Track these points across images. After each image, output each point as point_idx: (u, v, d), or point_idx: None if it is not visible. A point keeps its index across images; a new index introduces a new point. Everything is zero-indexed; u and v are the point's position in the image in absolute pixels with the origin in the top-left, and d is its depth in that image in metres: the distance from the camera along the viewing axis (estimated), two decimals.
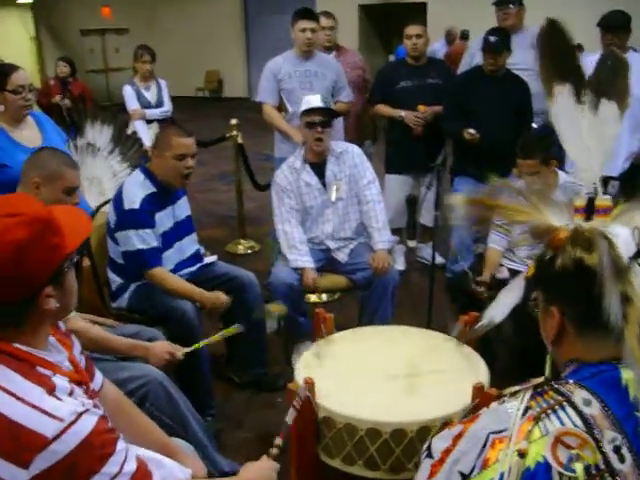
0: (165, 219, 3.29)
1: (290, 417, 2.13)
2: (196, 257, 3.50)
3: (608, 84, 1.45)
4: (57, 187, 2.67)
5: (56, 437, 1.33)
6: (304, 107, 3.70)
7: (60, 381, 1.46)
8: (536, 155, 3.33)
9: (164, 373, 2.61)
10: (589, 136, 1.38)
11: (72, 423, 1.35)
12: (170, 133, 3.25)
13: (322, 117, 3.65)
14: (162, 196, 3.27)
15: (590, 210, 1.29)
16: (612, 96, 1.43)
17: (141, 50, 6.16)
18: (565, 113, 1.41)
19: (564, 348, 1.29)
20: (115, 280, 3.30)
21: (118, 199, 3.20)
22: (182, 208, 3.44)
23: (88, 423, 1.38)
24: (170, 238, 3.33)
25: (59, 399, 1.40)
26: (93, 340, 2.52)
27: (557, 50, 1.44)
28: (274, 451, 1.91)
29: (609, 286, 1.13)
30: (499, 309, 1.69)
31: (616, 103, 1.43)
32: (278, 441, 1.95)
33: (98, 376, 1.87)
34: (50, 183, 2.66)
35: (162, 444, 1.93)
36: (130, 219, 3.15)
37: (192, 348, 2.81)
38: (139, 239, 3.14)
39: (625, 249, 1.17)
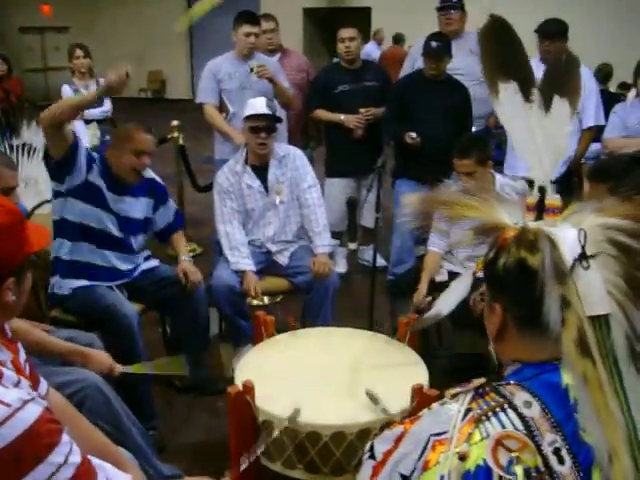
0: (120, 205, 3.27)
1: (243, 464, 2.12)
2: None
3: (561, 81, 1.43)
4: None
5: (3, 422, 1.33)
6: (249, 112, 3.66)
7: (7, 372, 1.48)
8: (472, 154, 3.37)
9: (101, 377, 2.56)
10: (540, 134, 1.37)
11: (18, 409, 1.36)
12: (133, 127, 3.24)
13: (267, 123, 3.63)
14: (108, 186, 3.22)
15: (540, 209, 1.28)
16: (564, 94, 1.41)
17: (73, 47, 6.04)
18: (512, 111, 1.39)
19: (506, 346, 1.29)
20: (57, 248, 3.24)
21: None
22: (129, 206, 3.34)
23: (34, 410, 1.39)
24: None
25: (5, 387, 1.42)
26: (34, 342, 2.46)
27: (501, 47, 1.41)
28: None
29: (549, 288, 1.12)
30: (447, 302, 1.70)
31: (568, 101, 1.41)
32: (228, 477, 1.95)
33: (43, 383, 1.88)
34: None
35: (106, 451, 1.92)
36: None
37: (131, 370, 2.75)
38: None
39: (571, 251, 1.15)
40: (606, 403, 1.09)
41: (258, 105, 3.66)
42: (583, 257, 1.14)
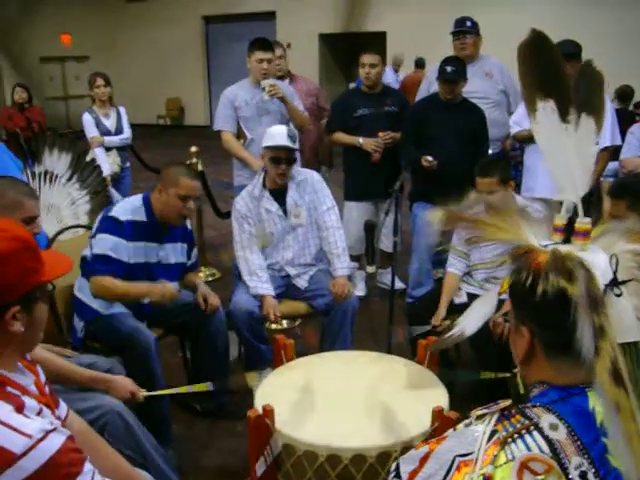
0: (140, 252, 3.24)
1: (260, 468, 2.12)
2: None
3: (586, 98, 1.39)
4: (16, 216, 2.63)
5: (24, 453, 1.34)
6: (269, 142, 3.68)
7: (29, 401, 1.48)
8: (494, 174, 3.39)
9: (122, 403, 2.58)
10: (573, 155, 1.34)
11: (40, 440, 1.36)
12: (179, 172, 3.25)
13: (287, 154, 3.66)
14: (149, 230, 3.24)
15: (569, 231, 1.26)
16: (590, 111, 1.37)
17: (93, 76, 6.15)
18: (548, 130, 1.36)
19: (532, 369, 1.27)
20: (78, 291, 3.23)
21: (107, 208, 3.21)
22: (170, 252, 3.37)
23: (56, 441, 1.39)
24: (138, 272, 3.24)
25: (27, 417, 1.42)
26: (56, 371, 2.47)
27: (541, 63, 1.36)
28: None
29: (584, 317, 1.11)
30: (470, 321, 1.67)
31: (593, 119, 1.37)
32: None
33: (62, 405, 1.88)
34: (9, 213, 2.62)
35: (126, 475, 1.93)
36: (109, 225, 3.15)
37: (155, 393, 2.77)
38: (110, 244, 3.11)
39: (602, 276, 1.14)
40: (638, 432, 1.07)
41: (279, 137, 3.65)
42: (615, 283, 1.14)
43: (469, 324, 1.76)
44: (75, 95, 18.24)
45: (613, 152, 4.56)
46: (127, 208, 3.21)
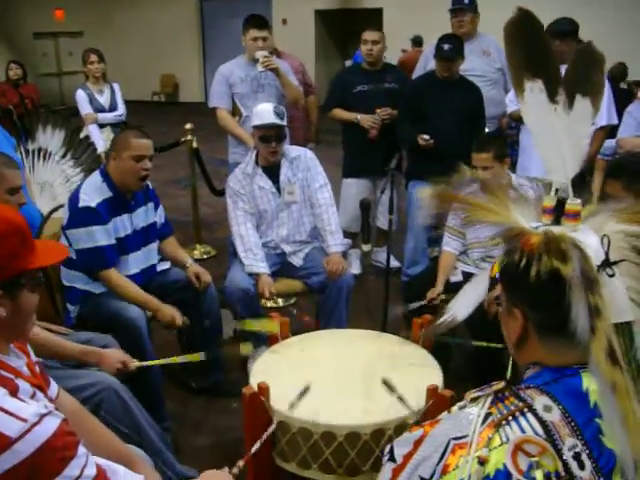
0: (120, 226, 3.25)
1: (256, 447, 2.13)
2: (152, 269, 3.46)
3: (584, 79, 1.36)
4: None
5: (20, 437, 1.34)
6: (257, 121, 3.67)
7: (22, 384, 1.49)
8: (490, 149, 3.39)
9: (118, 380, 2.58)
10: (563, 136, 1.32)
11: (35, 424, 1.37)
12: (128, 134, 3.25)
13: (276, 131, 3.64)
14: (118, 202, 3.23)
15: (559, 212, 1.25)
16: (587, 92, 1.35)
17: (87, 52, 6.11)
18: (536, 110, 1.34)
19: (526, 351, 1.27)
20: (68, 281, 3.24)
21: (74, 198, 3.16)
22: (141, 217, 3.38)
23: (51, 425, 1.40)
24: (126, 246, 3.28)
25: (22, 401, 1.42)
26: (43, 344, 2.46)
27: (528, 42, 1.34)
28: (235, 470, 1.90)
29: (578, 297, 1.11)
30: (462, 306, 1.66)
31: (590, 100, 1.35)
32: (241, 463, 1.94)
33: (53, 385, 1.88)
34: None
35: (118, 452, 1.92)
36: (84, 216, 3.11)
37: (147, 364, 2.78)
38: (93, 236, 3.10)
39: (594, 257, 1.14)
40: (633, 411, 1.08)
41: (266, 114, 3.64)
42: (607, 264, 1.14)
43: (461, 308, 1.75)
44: (68, 71, 18.14)
45: (609, 131, 4.55)
46: (92, 191, 3.16)
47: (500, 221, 1.28)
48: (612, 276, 1.13)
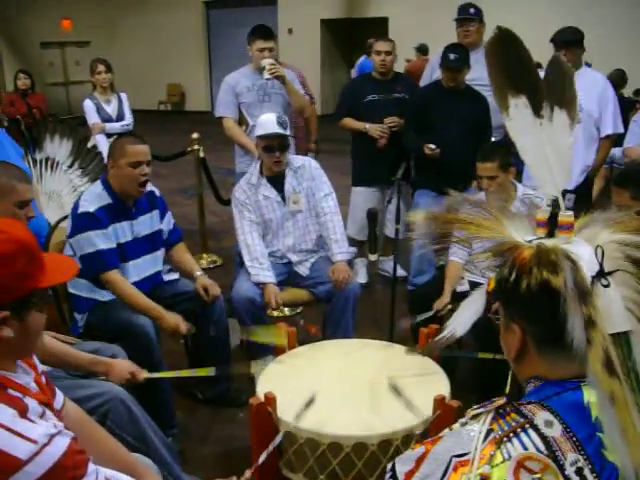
0: (120, 232, 3.26)
1: (263, 457, 2.13)
2: (155, 277, 3.46)
3: (557, 92, 1.37)
4: (8, 201, 2.63)
5: (30, 459, 1.34)
6: (260, 132, 3.69)
7: (31, 403, 1.47)
8: (495, 159, 3.39)
9: (125, 390, 2.58)
10: (550, 149, 1.33)
11: (45, 445, 1.37)
12: (124, 142, 3.26)
13: (279, 141, 3.66)
14: (118, 209, 3.24)
15: (553, 225, 1.25)
16: (562, 104, 1.36)
17: (95, 62, 6.14)
18: (522, 126, 1.35)
19: (526, 365, 1.26)
20: (74, 289, 3.24)
21: (75, 206, 3.19)
22: (143, 225, 3.38)
23: (61, 445, 1.40)
24: (126, 253, 3.28)
25: (32, 421, 1.41)
26: (52, 354, 2.47)
27: (510, 60, 1.35)
28: None
29: (573, 309, 1.11)
30: (461, 322, 1.66)
31: (566, 112, 1.36)
32: (248, 474, 1.94)
33: (59, 395, 1.87)
34: (1, 198, 2.62)
35: (124, 462, 1.92)
36: (83, 222, 3.13)
37: (155, 375, 2.78)
38: (93, 240, 3.11)
39: (588, 268, 1.14)
40: (632, 422, 1.07)
41: (269, 124, 3.66)
42: (601, 274, 1.13)
43: (459, 324, 1.74)
44: (76, 81, 18.22)
45: (615, 140, 4.55)
46: (91, 198, 3.18)
47: (494, 237, 1.28)
48: (607, 286, 1.13)
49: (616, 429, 1.08)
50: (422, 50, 12.24)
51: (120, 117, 6.12)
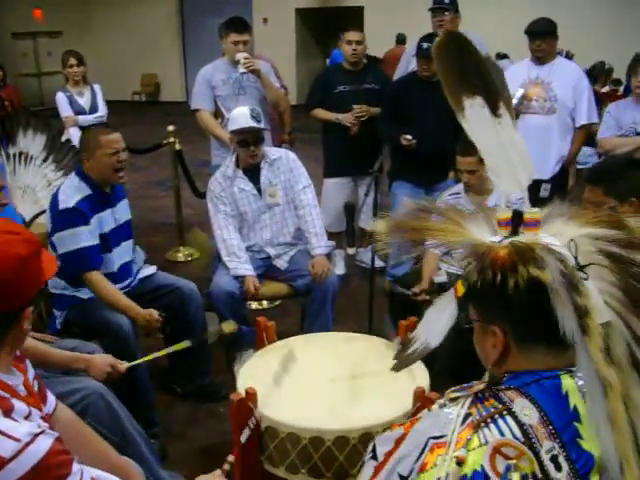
0: (104, 222, 3.25)
1: (244, 436, 2.12)
2: (134, 264, 3.48)
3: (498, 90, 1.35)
4: None
5: (13, 457, 1.35)
6: (234, 126, 3.68)
7: (18, 404, 1.49)
8: (474, 152, 3.38)
9: (105, 385, 2.57)
10: (511, 148, 1.32)
11: (28, 443, 1.38)
12: (95, 133, 3.26)
13: (253, 134, 3.66)
14: (99, 198, 3.23)
15: (517, 223, 1.24)
16: (503, 102, 1.34)
17: (66, 55, 6.07)
18: (480, 126, 1.34)
19: (506, 365, 1.26)
20: (54, 288, 3.22)
21: (54, 202, 3.16)
22: (122, 211, 3.40)
23: (44, 444, 1.40)
24: (110, 241, 3.28)
25: (15, 420, 1.42)
26: (33, 354, 2.44)
27: (461, 62, 1.34)
28: (226, 467, 1.90)
29: (564, 301, 1.11)
30: (433, 331, 1.62)
31: (507, 110, 1.34)
32: (231, 458, 1.94)
33: (51, 399, 1.89)
34: None
35: (114, 464, 1.94)
36: (66, 218, 3.11)
37: (136, 362, 2.77)
38: (76, 238, 3.09)
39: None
40: (622, 411, 1.08)
41: (242, 119, 3.64)
42: (578, 268, 1.14)
43: (432, 335, 1.68)
44: (48, 72, 17.97)
45: (589, 130, 4.58)
46: (70, 192, 3.17)
47: (458, 240, 1.27)
48: (586, 279, 1.14)
49: (604, 418, 1.09)
50: (400, 40, 12.25)
51: (94, 109, 6.05)
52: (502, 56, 10.48)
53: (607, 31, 12.43)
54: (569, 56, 7.78)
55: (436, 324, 1.53)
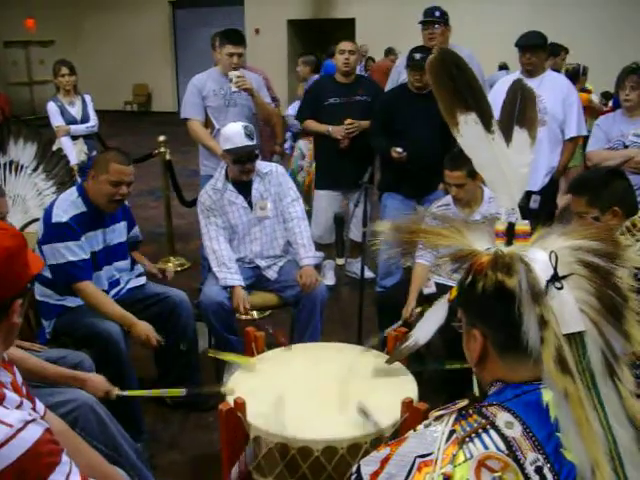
0: (93, 241, 3.25)
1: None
2: (117, 281, 3.47)
3: (519, 113, 1.44)
4: None
5: (4, 442, 1.37)
6: (228, 146, 3.67)
7: (9, 394, 1.52)
8: (463, 167, 3.41)
9: (94, 397, 2.57)
10: (504, 163, 1.37)
11: (20, 429, 1.40)
12: (110, 158, 3.22)
13: (248, 152, 3.67)
14: (92, 217, 3.23)
15: (510, 235, 1.29)
16: (523, 124, 1.43)
17: (58, 65, 6.06)
18: (474, 141, 1.37)
19: (487, 369, 1.31)
20: (42, 297, 3.23)
21: (48, 213, 3.17)
22: (116, 233, 3.40)
23: (36, 431, 1.43)
24: (99, 261, 3.28)
25: (7, 408, 1.46)
26: (30, 370, 2.45)
27: (455, 77, 1.36)
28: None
29: (527, 309, 1.15)
30: (424, 330, 1.69)
31: (527, 131, 1.42)
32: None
33: (39, 405, 1.89)
34: None
35: (104, 473, 1.96)
36: (56, 232, 3.11)
37: (128, 393, 2.75)
38: (67, 251, 3.09)
39: (543, 272, 1.18)
40: (587, 418, 1.11)
41: (237, 138, 3.63)
42: (555, 278, 1.17)
43: (422, 333, 1.77)
44: (39, 80, 17.95)
45: (577, 143, 4.62)
46: (65, 206, 3.17)
47: (452, 245, 1.31)
48: (560, 289, 1.17)
49: (571, 426, 1.12)
50: (390, 53, 12.32)
51: (85, 119, 6.05)
52: (502, 67, 10.53)
53: (608, 32, 12.54)
54: (585, 72, 7.74)
55: (427, 324, 1.58)
